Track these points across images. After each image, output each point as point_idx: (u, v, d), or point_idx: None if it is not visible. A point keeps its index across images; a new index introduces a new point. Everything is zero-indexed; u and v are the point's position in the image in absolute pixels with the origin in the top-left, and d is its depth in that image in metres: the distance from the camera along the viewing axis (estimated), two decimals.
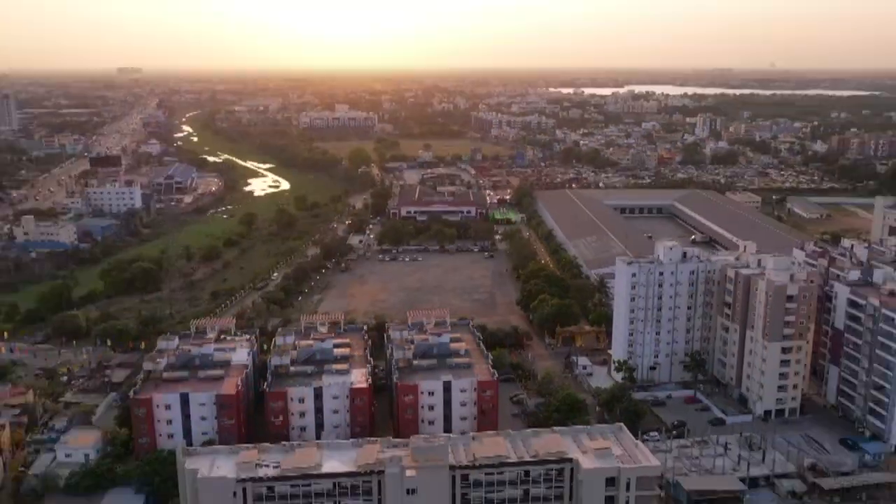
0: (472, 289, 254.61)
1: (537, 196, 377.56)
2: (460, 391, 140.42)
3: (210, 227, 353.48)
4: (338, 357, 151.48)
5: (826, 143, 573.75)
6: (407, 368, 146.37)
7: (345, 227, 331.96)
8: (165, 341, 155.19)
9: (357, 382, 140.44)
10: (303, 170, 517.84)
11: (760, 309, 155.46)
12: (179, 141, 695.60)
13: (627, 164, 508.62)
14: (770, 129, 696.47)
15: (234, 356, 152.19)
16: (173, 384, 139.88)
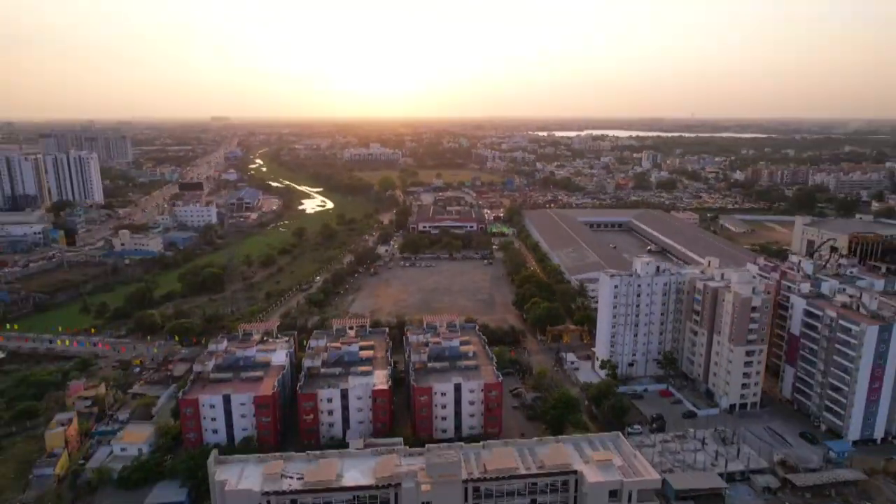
0: (475, 290, 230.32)
1: (525, 214, 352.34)
2: (469, 392, 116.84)
3: (269, 238, 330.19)
4: (362, 359, 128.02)
5: (743, 172, 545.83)
6: (422, 370, 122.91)
7: (374, 239, 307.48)
8: (215, 344, 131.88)
9: (378, 384, 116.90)
10: (344, 193, 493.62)
11: (727, 317, 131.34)
12: (252, 171, 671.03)
13: (592, 188, 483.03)
14: (698, 162, 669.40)
15: (273, 357, 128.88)
16: (218, 385, 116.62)
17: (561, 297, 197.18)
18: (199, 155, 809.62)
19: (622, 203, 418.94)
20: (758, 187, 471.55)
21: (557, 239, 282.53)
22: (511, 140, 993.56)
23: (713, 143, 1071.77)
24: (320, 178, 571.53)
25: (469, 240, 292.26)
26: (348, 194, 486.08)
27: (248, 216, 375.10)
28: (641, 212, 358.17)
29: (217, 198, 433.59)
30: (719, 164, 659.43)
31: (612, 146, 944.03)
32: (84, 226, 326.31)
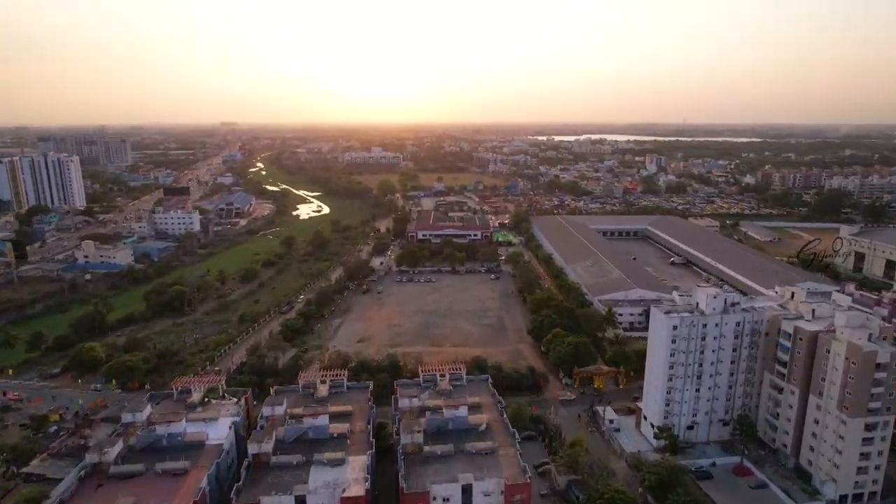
0: (481, 311, 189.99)
1: (532, 221, 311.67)
2: (484, 496, 76.52)
3: (257, 247, 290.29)
4: (333, 437, 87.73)
5: (753, 176, 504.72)
6: (416, 456, 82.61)
7: (369, 249, 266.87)
8: (131, 413, 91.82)
9: (351, 486, 76.48)
10: (342, 197, 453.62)
11: (836, 376, 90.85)
12: (251, 174, 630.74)
13: (599, 192, 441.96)
14: (703, 165, 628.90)
15: (211, 433, 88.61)
16: (118, 486, 76.53)
17: (585, 323, 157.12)
18: (199, 159, 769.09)
19: (633, 208, 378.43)
20: (772, 191, 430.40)
21: (571, 250, 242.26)
22: (511, 144, 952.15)
23: (711, 147, 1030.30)
24: (319, 182, 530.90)
25: (473, 250, 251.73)
26: (346, 199, 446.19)
27: (237, 223, 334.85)
28: (657, 218, 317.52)
29: (208, 203, 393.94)
30: (724, 167, 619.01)
31: (612, 150, 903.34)
32: (55, 234, 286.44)
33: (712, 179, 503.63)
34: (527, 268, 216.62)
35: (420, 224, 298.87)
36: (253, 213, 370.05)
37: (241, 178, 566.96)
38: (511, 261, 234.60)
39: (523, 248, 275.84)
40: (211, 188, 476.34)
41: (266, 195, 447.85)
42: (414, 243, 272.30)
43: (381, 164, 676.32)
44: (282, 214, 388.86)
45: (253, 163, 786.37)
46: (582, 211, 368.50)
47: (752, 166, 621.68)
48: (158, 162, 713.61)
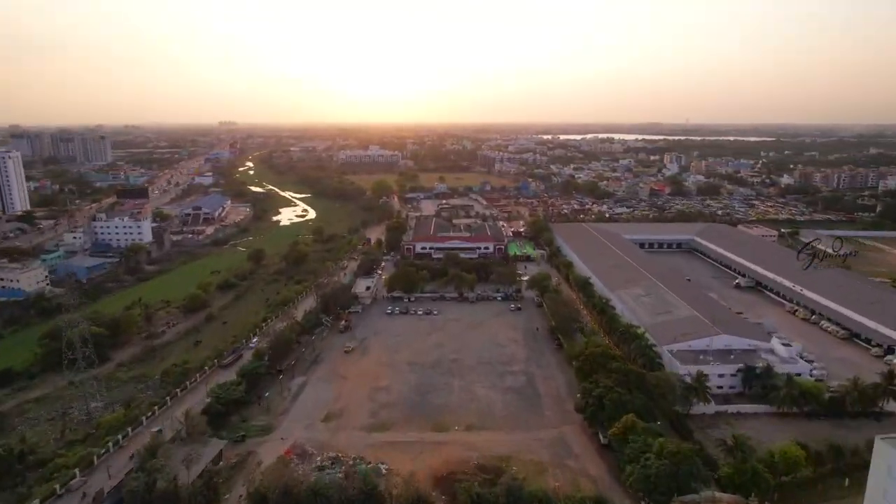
0: (502, 363, 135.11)
1: (554, 229, 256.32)
2: None
3: (220, 262, 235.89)
4: None
5: (791, 176, 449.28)
6: None
7: (354, 268, 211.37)
8: None
9: None
10: (332, 199, 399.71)
11: None
12: (238, 174, 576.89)
13: (622, 194, 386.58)
14: (726, 164, 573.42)
15: None
16: None
17: (660, 395, 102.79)
18: (184, 158, 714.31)
19: (666, 213, 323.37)
20: (821, 194, 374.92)
21: (612, 270, 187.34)
22: (517, 142, 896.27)
23: (725, 146, 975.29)
24: (308, 182, 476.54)
25: (485, 269, 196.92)
26: (336, 201, 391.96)
27: (202, 231, 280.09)
28: (705, 227, 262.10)
29: (176, 206, 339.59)
30: (750, 166, 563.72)
31: (623, 148, 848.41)
32: None
33: (748, 180, 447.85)
34: (559, 299, 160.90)
35: (419, 234, 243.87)
36: (225, 219, 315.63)
37: (223, 177, 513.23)
38: (536, 284, 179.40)
39: (546, 264, 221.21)
40: (185, 189, 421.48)
41: (246, 197, 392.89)
42: (411, 258, 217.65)
43: (379, 163, 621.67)
44: (260, 220, 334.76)
45: (242, 162, 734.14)
46: (607, 216, 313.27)
47: (779, 165, 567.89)
48: (140, 161, 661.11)
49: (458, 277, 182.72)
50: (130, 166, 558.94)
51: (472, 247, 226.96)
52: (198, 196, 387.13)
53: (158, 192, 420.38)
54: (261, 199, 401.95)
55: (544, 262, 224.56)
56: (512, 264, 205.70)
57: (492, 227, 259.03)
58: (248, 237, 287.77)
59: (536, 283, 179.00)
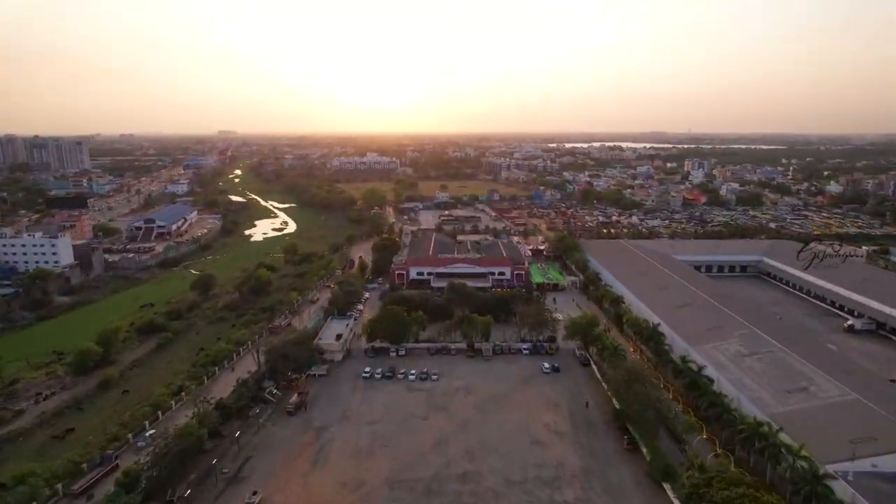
0: (543, 483, 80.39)
1: (585, 248, 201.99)
2: None
3: (160, 290, 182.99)
4: None
5: (838, 183, 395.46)
6: None
7: (324, 303, 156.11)
8: None
9: None
10: (319, 210, 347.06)
11: None
12: (221, 182, 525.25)
13: (652, 205, 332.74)
14: (753, 172, 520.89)
15: None
16: None
17: None
18: (166, 166, 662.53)
19: (711, 227, 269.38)
20: (889, 203, 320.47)
21: (681, 308, 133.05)
22: (522, 149, 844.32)
23: (739, 154, 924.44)
24: (295, 191, 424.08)
25: (503, 305, 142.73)
26: (323, 212, 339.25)
27: (152, 248, 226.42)
28: (773, 245, 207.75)
29: (134, 218, 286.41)
30: (781, 174, 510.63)
31: (634, 156, 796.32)
32: None
33: (789, 188, 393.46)
34: (625, 364, 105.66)
35: (414, 255, 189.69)
36: (185, 233, 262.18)
37: (202, 186, 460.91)
38: (578, 331, 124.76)
39: (579, 294, 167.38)
40: (147, 199, 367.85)
41: (219, 208, 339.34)
42: (403, 289, 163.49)
43: (375, 170, 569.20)
44: (228, 234, 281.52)
45: (231, 170, 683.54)
46: (641, 230, 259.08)
47: (811, 173, 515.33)
48: (122, 168, 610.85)
49: (466, 321, 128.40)
50: (98, 173, 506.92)
51: (482, 272, 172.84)
52: (165, 205, 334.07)
53: (124, 201, 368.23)
54: (235, 209, 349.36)
55: (577, 292, 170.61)
56: (540, 303, 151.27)
57: (507, 246, 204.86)
58: (208, 255, 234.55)
59: (579, 328, 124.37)
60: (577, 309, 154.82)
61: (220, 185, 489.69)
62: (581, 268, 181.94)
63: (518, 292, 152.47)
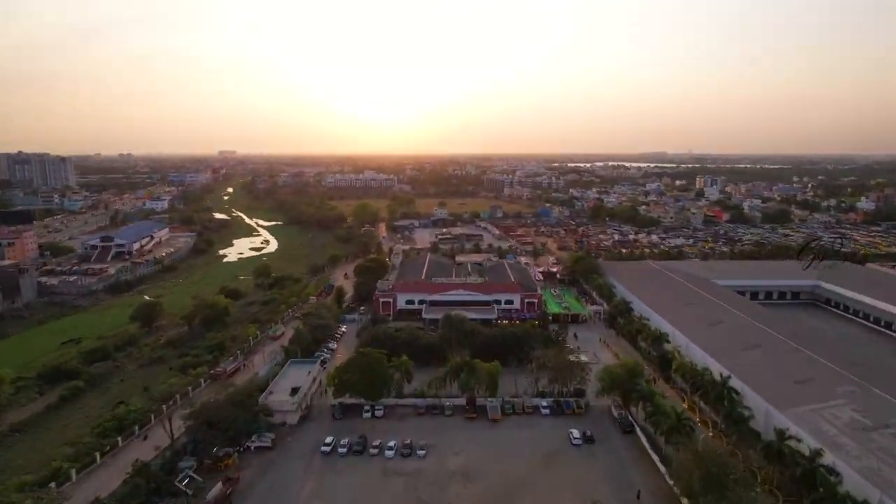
0: None
1: (607, 270, 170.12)
2: None
3: (98, 321, 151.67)
4: None
5: (868, 200, 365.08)
6: None
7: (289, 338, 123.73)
8: None
9: None
10: (307, 228, 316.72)
11: None
12: (208, 199, 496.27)
13: (671, 222, 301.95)
14: (769, 189, 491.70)
15: None
16: None
17: None
18: (154, 182, 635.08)
19: (740, 247, 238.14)
20: None
21: (748, 351, 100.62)
22: (525, 168, 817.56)
23: (747, 173, 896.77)
24: (283, 209, 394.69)
25: (516, 345, 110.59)
26: (310, 230, 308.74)
27: (102, 271, 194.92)
28: (829, 267, 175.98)
29: (93, 237, 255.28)
30: (800, 191, 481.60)
31: (640, 174, 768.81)
32: None
33: (817, 204, 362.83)
34: (684, 429, 73.37)
35: (404, 281, 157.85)
36: (149, 253, 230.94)
37: (187, 203, 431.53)
38: (615, 385, 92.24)
39: (605, 326, 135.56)
40: (121, 215, 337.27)
41: (195, 225, 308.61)
42: (389, 320, 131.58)
43: (371, 187, 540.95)
44: (201, 254, 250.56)
45: (223, 187, 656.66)
46: (665, 250, 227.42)
47: (831, 190, 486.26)
48: (107, 184, 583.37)
49: (466, 368, 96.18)
50: (75, 189, 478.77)
51: (486, 300, 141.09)
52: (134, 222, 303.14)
53: (94, 218, 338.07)
54: (214, 227, 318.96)
55: (601, 324, 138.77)
56: (555, 332, 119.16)
57: (515, 268, 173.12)
58: (171, 278, 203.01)
59: (618, 380, 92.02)
60: (603, 348, 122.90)
61: (206, 203, 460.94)
62: (605, 294, 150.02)
63: (531, 327, 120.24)
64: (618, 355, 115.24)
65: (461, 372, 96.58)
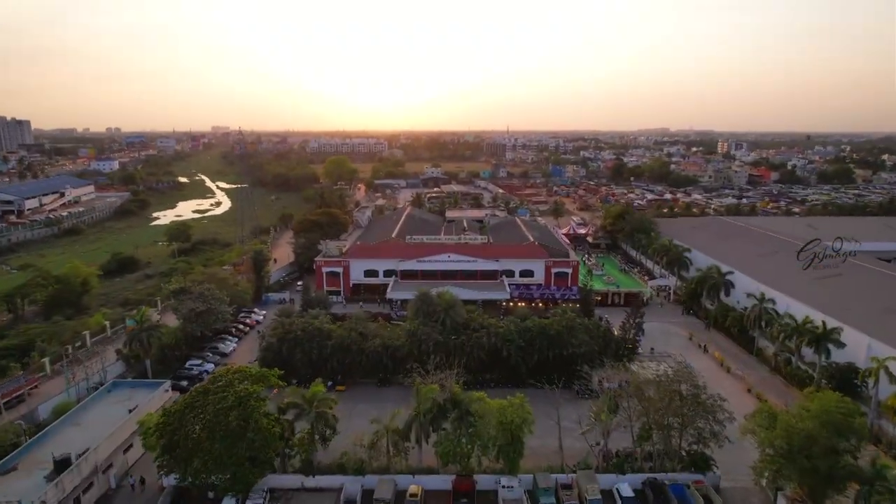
0: None
1: (666, 230, 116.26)
2: None
3: None
4: None
5: None
6: None
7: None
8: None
9: None
10: (274, 190, 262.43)
11: None
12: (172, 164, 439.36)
13: (710, 182, 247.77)
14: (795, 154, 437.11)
15: None
16: None
17: None
18: (123, 149, 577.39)
19: (808, 207, 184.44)
20: None
21: None
22: (527, 137, 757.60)
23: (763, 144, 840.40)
24: (254, 172, 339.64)
25: (547, 344, 57.77)
26: (276, 191, 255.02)
27: None
28: None
29: None
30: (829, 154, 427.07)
31: (652, 142, 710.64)
32: None
33: (883, 163, 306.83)
34: None
35: (363, 243, 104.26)
36: (49, 211, 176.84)
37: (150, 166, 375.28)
38: (788, 454, 39.19)
39: (680, 311, 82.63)
40: (40, 175, 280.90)
41: (137, 184, 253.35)
42: (334, 302, 78.33)
43: (360, 152, 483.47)
44: (128, 215, 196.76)
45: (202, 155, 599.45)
46: (729, 208, 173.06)
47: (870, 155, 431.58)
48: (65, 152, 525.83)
49: (455, 413, 43.12)
50: (11, 151, 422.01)
51: (491, 269, 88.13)
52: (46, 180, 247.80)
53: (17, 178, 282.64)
54: (163, 189, 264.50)
55: (671, 308, 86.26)
56: (629, 326, 66.01)
57: (532, 226, 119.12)
58: (69, 243, 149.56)
59: (796, 448, 38.84)
60: (693, 351, 70.74)
61: (171, 168, 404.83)
62: (674, 262, 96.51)
63: (571, 315, 66.71)
64: (724, 362, 62.87)
65: (442, 417, 43.88)
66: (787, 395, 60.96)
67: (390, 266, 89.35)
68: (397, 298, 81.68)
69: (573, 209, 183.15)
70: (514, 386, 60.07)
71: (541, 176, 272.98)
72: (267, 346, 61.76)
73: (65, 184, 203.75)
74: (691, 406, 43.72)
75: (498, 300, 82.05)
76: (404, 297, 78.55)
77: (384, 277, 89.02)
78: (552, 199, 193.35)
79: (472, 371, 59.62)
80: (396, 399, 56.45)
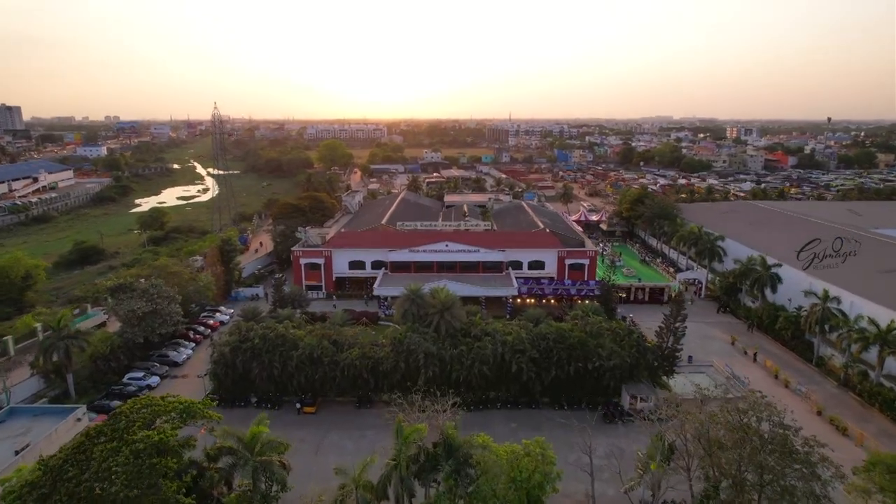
0: None
1: (691, 216, 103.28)
2: None
3: None
4: None
5: None
6: None
7: None
8: None
9: None
10: (266, 176, 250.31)
11: None
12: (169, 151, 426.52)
13: (724, 167, 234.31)
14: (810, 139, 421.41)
15: None
16: None
17: None
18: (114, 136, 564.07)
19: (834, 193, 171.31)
20: None
21: None
22: (529, 124, 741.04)
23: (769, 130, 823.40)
24: (247, 158, 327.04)
25: (568, 357, 45.48)
26: (268, 177, 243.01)
27: None
28: None
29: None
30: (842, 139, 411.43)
31: (656, 129, 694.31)
32: None
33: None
34: None
35: (348, 231, 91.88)
36: (18, 196, 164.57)
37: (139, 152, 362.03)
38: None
39: (713, 308, 69.94)
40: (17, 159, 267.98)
41: (121, 170, 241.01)
42: (313, 298, 65.96)
43: (358, 138, 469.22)
44: (107, 202, 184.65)
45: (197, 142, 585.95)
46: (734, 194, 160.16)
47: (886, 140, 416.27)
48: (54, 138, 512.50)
49: (450, 465, 30.77)
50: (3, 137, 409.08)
51: (495, 260, 75.62)
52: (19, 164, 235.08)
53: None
54: (150, 175, 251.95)
55: (702, 304, 73.80)
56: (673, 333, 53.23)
57: (541, 211, 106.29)
58: (37, 231, 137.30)
59: None
60: (737, 357, 58.91)
61: (164, 154, 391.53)
62: (707, 253, 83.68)
63: (595, 318, 54.19)
64: (778, 373, 50.73)
65: (431, 469, 31.54)
66: (868, 418, 48.68)
67: (379, 257, 76.85)
68: (386, 295, 69.28)
69: (582, 195, 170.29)
70: (526, 405, 48.50)
71: (546, 161, 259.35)
72: (218, 357, 49.48)
73: (39, 168, 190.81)
74: (779, 455, 31.28)
75: (503, 296, 69.63)
76: (394, 293, 66.16)
77: (372, 270, 76.59)
78: (559, 185, 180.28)
79: (474, 388, 47.49)
80: (378, 426, 44.41)
